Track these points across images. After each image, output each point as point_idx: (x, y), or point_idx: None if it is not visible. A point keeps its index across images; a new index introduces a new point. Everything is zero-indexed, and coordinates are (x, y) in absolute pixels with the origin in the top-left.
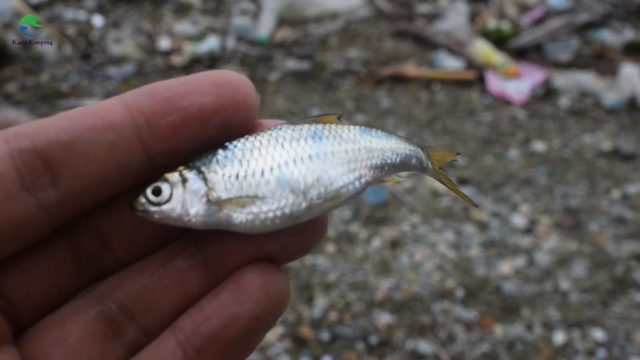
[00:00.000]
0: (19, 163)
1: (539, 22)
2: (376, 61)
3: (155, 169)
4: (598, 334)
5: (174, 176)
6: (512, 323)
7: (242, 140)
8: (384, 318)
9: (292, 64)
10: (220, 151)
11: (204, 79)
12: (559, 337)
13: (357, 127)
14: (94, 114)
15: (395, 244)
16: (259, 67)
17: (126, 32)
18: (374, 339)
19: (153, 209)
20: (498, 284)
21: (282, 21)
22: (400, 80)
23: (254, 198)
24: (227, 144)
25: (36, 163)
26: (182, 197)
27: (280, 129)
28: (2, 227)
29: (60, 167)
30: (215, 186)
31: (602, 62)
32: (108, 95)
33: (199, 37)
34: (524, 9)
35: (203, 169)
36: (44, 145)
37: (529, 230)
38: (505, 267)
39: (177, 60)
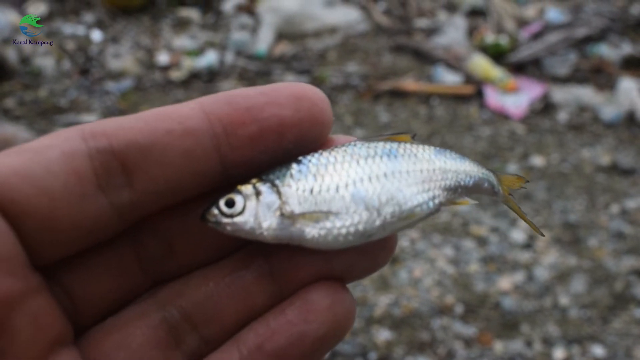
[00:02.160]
0: (96, 162)
1: (537, 36)
2: (375, 76)
3: (228, 178)
4: (598, 350)
5: (247, 188)
6: (511, 339)
7: (316, 155)
8: (383, 334)
9: (290, 78)
10: (294, 165)
11: (283, 90)
12: (559, 354)
13: (432, 147)
14: (172, 118)
15: (394, 260)
16: (258, 81)
17: (125, 47)
18: (373, 356)
19: (225, 220)
20: (497, 300)
21: (281, 36)
22: (399, 94)
23: (327, 213)
24: (301, 158)
25: (113, 163)
26: (255, 209)
27: (355, 145)
28: (75, 224)
29: (135, 169)
30: (288, 200)
31: (600, 76)
32: (107, 110)
33: (198, 52)
34: (522, 23)
35: (277, 182)
36: (121, 147)
37: (528, 245)
38: (505, 282)
39: (175, 75)
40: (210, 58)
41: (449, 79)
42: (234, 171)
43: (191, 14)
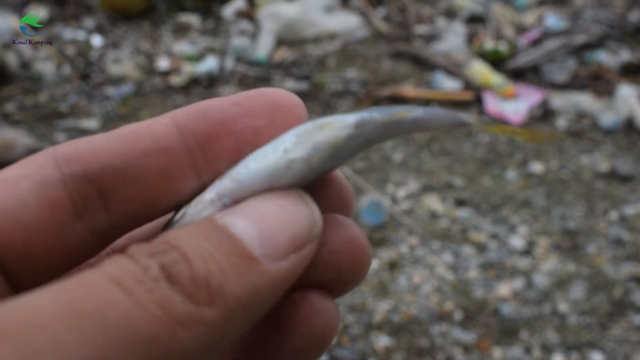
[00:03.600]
0: (71, 189)
1: (536, 43)
2: (374, 82)
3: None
4: (597, 357)
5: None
6: (510, 345)
7: None
8: (382, 341)
9: (290, 84)
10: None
11: (257, 99)
12: None
13: None
14: (145, 137)
15: (393, 266)
16: (258, 87)
17: (125, 52)
18: None
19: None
20: (496, 306)
21: (281, 42)
22: (398, 100)
23: None
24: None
25: (88, 188)
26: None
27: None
28: (54, 253)
29: (111, 191)
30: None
31: (599, 83)
32: (107, 115)
33: (198, 58)
34: (521, 30)
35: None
36: (96, 171)
37: (527, 251)
38: (504, 289)
39: (175, 80)
40: (210, 64)
41: (448, 85)
42: (210, 182)
43: (191, 19)
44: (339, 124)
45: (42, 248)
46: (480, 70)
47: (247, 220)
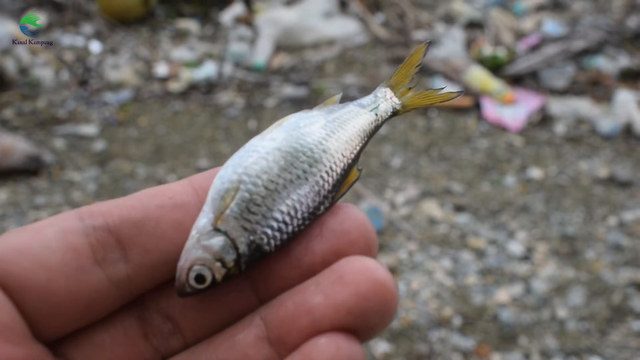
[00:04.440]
0: (92, 239)
1: (534, 49)
2: (373, 87)
3: None
4: None
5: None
6: (509, 352)
7: None
8: (381, 347)
9: (289, 90)
10: None
11: None
12: None
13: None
14: (163, 194)
15: (392, 272)
16: (256, 93)
17: (123, 58)
18: None
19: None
20: (495, 312)
21: (279, 48)
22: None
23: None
24: None
25: (108, 239)
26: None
27: None
28: (73, 297)
29: (130, 243)
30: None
31: (598, 88)
32: (105, 121)
33: (196, 64)
34: (519, 35)
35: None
36: (116, 223)
37: (526, 257)
38: (503, 294)
39: (174, 86)
40: (208, 69)
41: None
42: None
43: (190, 25)
44: None
45: (62, 290)
46: (479, 76)
47: None
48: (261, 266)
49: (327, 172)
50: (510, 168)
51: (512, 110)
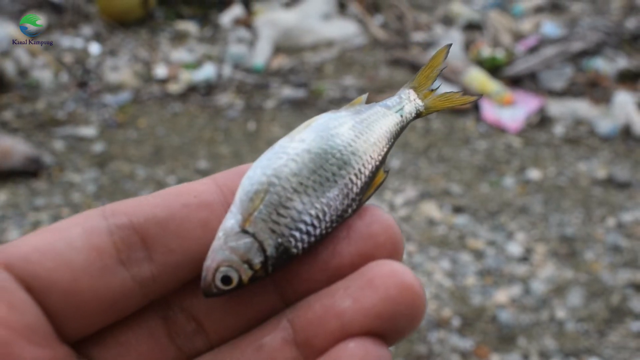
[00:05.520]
0: (116, 238)
1: (533, 50)
2: (372, 89)
3: None
4: None
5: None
6: (508, 352)
7: None
8: None
9: (288, 91)
10: None
11: None
12: None
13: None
14: (187, 193)
15: None
16: (255, 95)
17: (123, 60)
18: None
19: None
20: (494, 313)
21: (278, 49)
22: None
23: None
24: None
25: (132, 238)
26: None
27: None
28: (98, 297)
29: (155, 242)
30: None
31: (596, 90)
32: (104, 123)
33: (196, 65)
34: (518, 37)
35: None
36: (140, 222)
37: (524, 258)
38: (502, 295)
39: (173, 88)
40: (208, 71)
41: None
42: None
43: (189, 27)
44: None
45: (86, 289)
46: (478, 78)
47: None
48: (287, 269)
49: (355, 175)
50: (509, 169)
51: (511, 111)
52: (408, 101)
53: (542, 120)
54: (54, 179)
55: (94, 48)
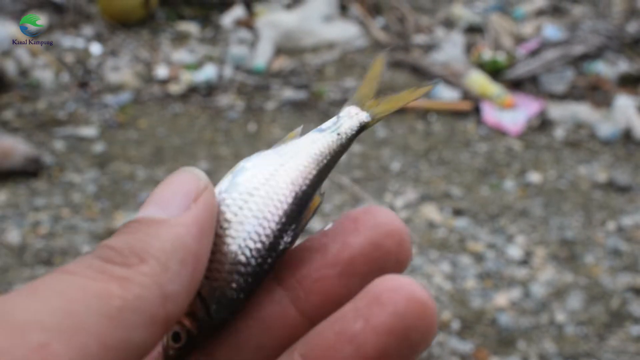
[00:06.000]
0: None
1: (534, 53)
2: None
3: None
4: None
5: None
6: (508, 356)
7: None
8: None
9: (288, 93)
10: None
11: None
12: None
13: None
14: None
15: None
16: (256, 96)
17: (124, 61)
18: None
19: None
20: (494, 316)
21: (279, 51)
22: (396, 110)
23: None
24: None
25: None
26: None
27: None
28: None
29: None
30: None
31: (597, 93)
32: (105, 123)
33: (197, 66)
34: (519, 40)
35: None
36: None
37: (524, 261)
38: (501, 298)
39: (174, 88)
40: (208, 72)
41: (446, 95)
42: None
43: (190, 28)
44: None
45: None
46: (479, 80)
47: (149, 203)
48: (297, 274)
49: (275, 207)
50: (509, 172)
51: (512, 114)
52: (348, 118)
53: (543, 124)
54: (54, 179)
55: (95, 48)
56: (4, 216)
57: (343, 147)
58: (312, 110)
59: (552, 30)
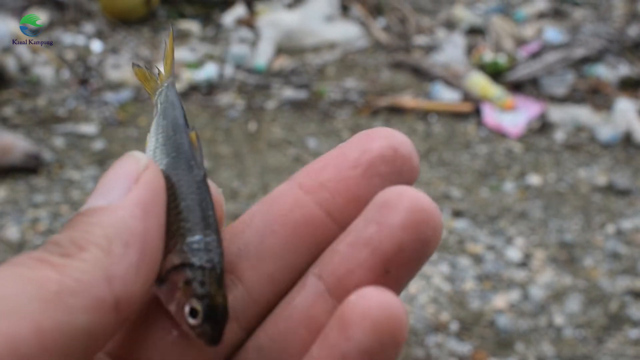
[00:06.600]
0: None
1: (535, 56)
2: (373, 92)
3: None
4: None
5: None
6: (506, 358)
7: None
8: None
9: (289, 92)
10: None
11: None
12: None
13: None
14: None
15: None
16: (257, 95)
17: (124, 58)
18: None
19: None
20: (492, 318)
21: (280, 50)
22: (397, 111)
23: None
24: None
25: None
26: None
27: None
28: None
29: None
30: None
31: (598, 96)
32: (105, 120)
33: (197, 65)
34: (520, 42)
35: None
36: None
37: (523, 263)
38: (500, 300)
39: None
40: (209, 71)
41: (447, 96)
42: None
43: (191, 26)
44: None
45: None
46: (479, 82)
47: (93, 194)
48: (321, 177)
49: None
50: (509, 174)
51: (512, 116)
52: (159, 94)
53: (543, 126)
54: (53, 176)
55: (96, 46)
56: (3, 212)
57: (164, 112)
58: (312, 109)
59: (553, 33)
